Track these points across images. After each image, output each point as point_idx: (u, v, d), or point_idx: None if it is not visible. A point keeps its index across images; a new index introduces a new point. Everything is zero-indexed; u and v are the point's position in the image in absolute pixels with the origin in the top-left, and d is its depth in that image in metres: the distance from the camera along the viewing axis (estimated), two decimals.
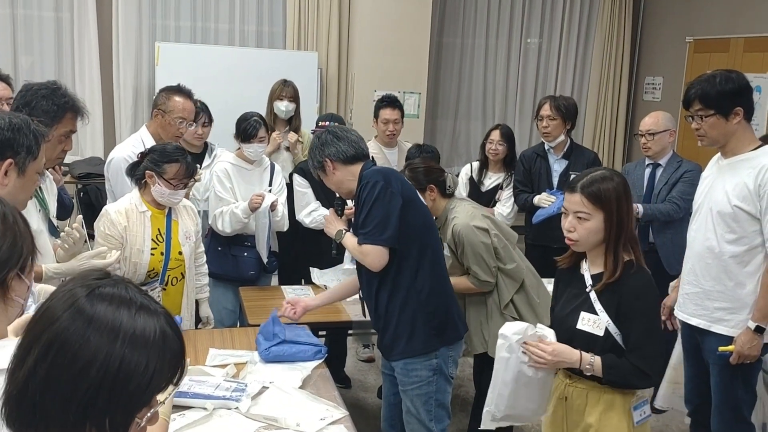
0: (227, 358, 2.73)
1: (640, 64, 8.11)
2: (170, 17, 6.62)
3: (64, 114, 2.47)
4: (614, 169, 2.35)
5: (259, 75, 6.09)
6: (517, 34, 7.78)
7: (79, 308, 0.98)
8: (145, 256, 2.88)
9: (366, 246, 2.64)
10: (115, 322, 0.97)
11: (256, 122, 3.70)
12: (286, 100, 4.32)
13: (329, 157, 2.72)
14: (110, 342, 0.96)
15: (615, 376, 2.12)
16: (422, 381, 2.73)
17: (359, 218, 2.67)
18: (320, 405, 2.40)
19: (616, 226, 2.15)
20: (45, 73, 6.14)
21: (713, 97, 2.67)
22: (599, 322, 2.15)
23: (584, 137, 8.06)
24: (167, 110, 3.40)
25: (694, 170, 3.83)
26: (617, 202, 2.15)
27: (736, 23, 6.68)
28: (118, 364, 0.95)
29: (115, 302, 1.00)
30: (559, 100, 4.25)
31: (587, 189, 2.16)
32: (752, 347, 2.68)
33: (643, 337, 2.12)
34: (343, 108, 6.93)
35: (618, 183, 2.18)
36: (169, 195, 2.87)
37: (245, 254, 3.73)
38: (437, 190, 3.14)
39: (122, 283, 1.04)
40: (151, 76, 6.42)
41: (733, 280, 2.73)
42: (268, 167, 3.87)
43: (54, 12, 6.33)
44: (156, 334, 0.99)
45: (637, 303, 2.13)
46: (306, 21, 6.74)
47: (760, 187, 2.62)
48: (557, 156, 4.24)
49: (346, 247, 2.83)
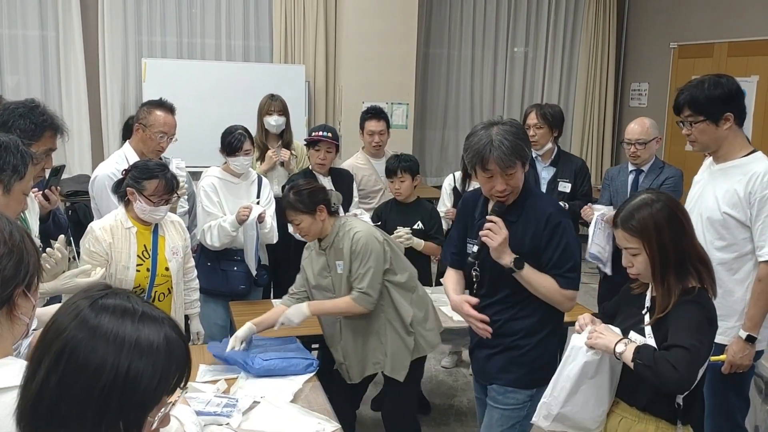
0: (217, 374, 2.72)
1: (625, 71, 8.18)
2: (156, 33, 6.62)
3: (42, 132, 2.46)
4: (659, 192, 2.21)
5: (247, 89, 6.11)
6: (503, 44, 7.83)
7: (83, 319, 1.02)
8: (131, 273, 2.86)
9: (570, 292, 2.45)
10: (119, 331, 1.01)
11: (240, 135, 3.70)
12: (275, 114, 4.33)
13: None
14: (116, 351, 1.00)
15: (644, 358, 1.94)
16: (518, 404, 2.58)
17: (551, 252, 2.43)
18: (312, 418, 2.39)
19: (658, 255, 2.02)
20: (31, 91, 6.11)
21: (702, 103, 2.62)
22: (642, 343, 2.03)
23: (572, 144, 8.10)
24: (148, 124, 3.39)
25: (675, 176, 3.85)
26: (656, 230, 2.02)
27: (720, 28, 6.75)
28: (126, 370, 0.99)
29: (117, 312, 1.03)
30: (545, 108, 4.25)
31: (627, 223, 2.06)
32: (744, 356, 2.64)
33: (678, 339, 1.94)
34: (332, 120, 6.94)
35: (658, 209, 2.04)
36: (150, 211, 2.85)
37: (235, 269, 3.71)
38: (326, 209, 2.98)
39: (124, 293, 1.08)
40: (138, 92, 6.42)
41: (722, 287, 2.61)
42: (255, 180, 3.86)
43: (39, 31, 6.32)
44: (160, 341, 1.03)
45: (684, 316, 1.98)
46: (293, 34, 6.76)
47: (750, 195, 2.57)
48: (545, 164, 4.24)
49: (525, 280, 2.44)
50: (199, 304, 3.29)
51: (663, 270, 2.02)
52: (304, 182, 3.15)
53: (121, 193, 2.90)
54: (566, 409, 2.14)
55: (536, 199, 2.52)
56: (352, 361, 3.02)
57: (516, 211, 2.47)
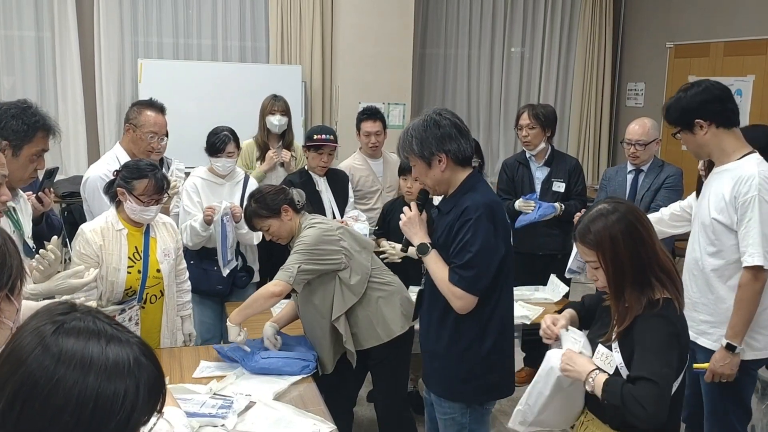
0: (215, 371, 2.74)
1: (622, 71, 8.18)
2: (152, 34, 6.61)
3: (35, 133, 2.44)
4: (619, 200, 2.11)
5: (244, 90, 6.11)
6: (500, 44, 7.83)
7: (46, 346, 0.95)
8: (122, 275, 2.84)
9: (458, 290, 2.36)
10: (86, 355, 0.94)
11: (225, 136, 3.70)
12: (278, 114, 4.33)
13: (447, 153, 2.40)
14: (83, 376, 0.93)
15: (611, 396, 1.90)
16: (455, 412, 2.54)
17: (454, 246, 2.38)
18: (307, 419, 2.38)
19: (612, 268, 1.93)
20: (27, 92, 6.10)
21: (672, 114, 2.68)
22: (611, 360, 1.97)
23: (569, 144, 8.10)
24: (138, 125, 3.39)
25: (675, 174, 3.84)
26: (612, 243, 1.92)
27: (716, 28, 6.75)
28: (93, 400, 0.92)
29: (83, 335, 0.97)
30: (538, 109, 4.24)
31: (584, 237, 1.99)
32: (725, 365, 2.58)
33: (642, 370, 1.87)
34: (329, 120, 6.93)
35: (614, 220, 1.94)
36: (140, 212, 2.83)
37: (215, 268, 3.71)
38: (291, 209, 2.96)
39: (89, 315, 1.01)
40: (134, 93, 6.40)
41: (714, 294, 2.64)
42: (241, 180, 3.85)
43: (35, 32, 6.31)
44: (130, 363, 0.97)
45: (648, 335, 1.91)
46: (289, 35, 6.75)
47: (735, 198, 2.52)
48: (539, 164, 4.24)
49: (427, 267, 2.47)
50: (191, 306, 3.28)
51: (618, 283, 1.95)
52: (264, 186, 3.18)
53: (111, 194, 2.89)
54: (542, 416, 2.16)
55: (472, 194, 2.43)
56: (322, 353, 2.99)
57: (450, 203, 2.48)
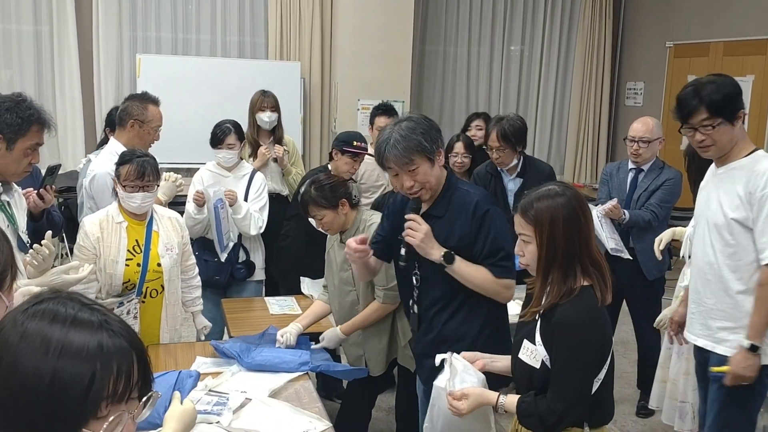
0: (211, 366, 2.73)
1: (621, 70, 8.18)
2: (151, 29, 6.59)
3: (29, 127, 2.42)
4: (568, 185, 2.09)
5: (242, 86, 6.06)
6: (500, 42, 7.83)
7: (14, 324, 1.00)
8: (120, 267, 2.84)
9: (507, 281, 2.39)
10: (45, 336, 0.98)
11: (226, 128, 3.74)
12: (268, 110, 4.31)
13: (443, 148, 2.43)
14: (41, 356, 0.96)
15: (525, 414, 1.95)
16: None
17: (483, 242, 2.38)
18: (303, 417, 2.37)
19: (546, 248, 1.93)
20: (25, 86, 6.09)
21: (720, 103, 2.44)
22: (536, 354, 1.96)
23: (567, 143, 8.11)
24: (145, 120, 3.41)
25: (674, 178, 3.81)
26: (551, 223, 1.92)
27: (715, 28, 6.75)
28: (50, 378, 0.95)
29: (47, 317, 1.00)
30: (505, 126, 3.80)
31: (526, 211, 1.98)
32: (747, 367, 2.46)
33: (561, 372, 1.90)
34: (327, 117, 6.92)
35: (560, 203, 1.94)
36: (126, 198, 2.83)
37: (215, 259, 3.74)
38: (348, 203, 2.95)
39: (64, 299, 1.04)
40: (132, 88, 6.37)
41: (732, 298, 2.51)
42: (247, 174, 3.86)
43: (33, 26, 6.29)
44: (92, 346, 0.99)
45: (563, 334, 1.90)
46: (288, 31, 6.73)
47: (751, 195, 2.43)
48: (511, 176, 3.96)
49: (457, 274, 2.39)
50: (201, 302, 3.27)
51: (548, 264, 1.94)
52: (324, 176, 3.13)
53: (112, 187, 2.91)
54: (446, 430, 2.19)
55: (462, 191, 2.45)
56: (371, 353, 3.00)
57: (443, 206, 2.43)
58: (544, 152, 8.09)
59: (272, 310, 3.51)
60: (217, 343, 2.90)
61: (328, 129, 6.97)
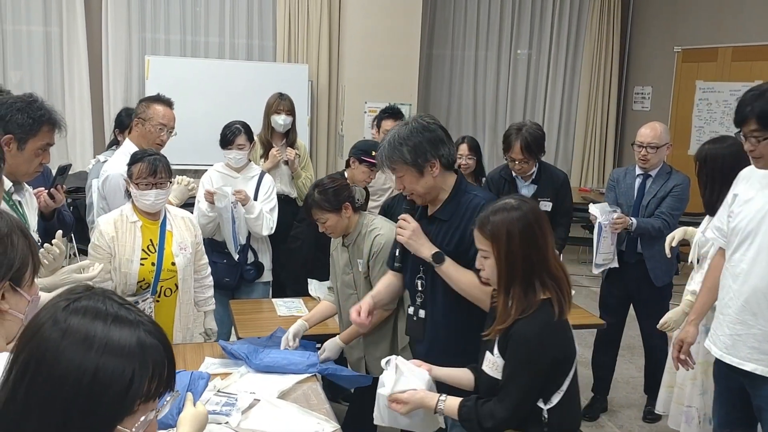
0: (219, 367, 2.74)
1: (628, 74, 8.17)
2: (160, 31, 6.63)
3: (40, 127, 2.44)
4: (525, 199, 2.10)
5: (250, 88, 6.12)
6: (507, 46, 7.83)
7: (55, 320, 1.00)
8: (134, 266, 2.86)
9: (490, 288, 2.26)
10: (89, 332, 0.98)
11: (236, 129, 3.75)
12: (283, 113, 4.33)
13: (440, 159, 2.35)
14: (84, 352, 0.97)
15: (465, 419, 1.99)
16: None
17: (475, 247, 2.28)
18: (311, 418, 2.38)
19: (505, 263, 1.93)
20: (34, 87, 6.12)
21: None
22: (497, 366, 1.97)
23: (575, 147, 8.11)
24: (147, 118, 3.40)
25: (682, 184, 3.79)
26: (507, 238, 1.92)
27: (724, 33, 6.74)
28: (92, 374, 0.96)
29: (89, 314, 1.00)
30: (527, 137, 3.73)
31: (482, 225, 1.98)
32: None
33: (509, 382, 1.94)
34: (334, 120, 6.94)
35: (515, 217, 1.94)
36: (139, 196, 2.86)
37: (224, 261, 3.75)
38: (351, 207, 2.95)
39: (102, 296, 1.05)
40: (141, 89, 6.42)
41: None
42: (256, 176, 3.88)
43: (43, 27, 6.33)
44: (132, 344, 1.00)
45: (516, 348, 1.92)
46: (296, 34, 6.76)
47: None
48: (526, 182, 3.93)
49: (445, 275, 2.36)
50: (213, 302, 3.29)
51: (508, 279, 1.95)
52: (328, 180, 3.12)
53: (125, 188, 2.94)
54: (393, 424, 2.22)
55: (470, 196, 2.42)
56: (372, 357, 2.99)
57: (449, 210, 2.41)
58: (551, 156, 8.07)
59: (280, 311, 3.52)
60: (225, 343, 2.91)
61: (335, 131, 6.99)
